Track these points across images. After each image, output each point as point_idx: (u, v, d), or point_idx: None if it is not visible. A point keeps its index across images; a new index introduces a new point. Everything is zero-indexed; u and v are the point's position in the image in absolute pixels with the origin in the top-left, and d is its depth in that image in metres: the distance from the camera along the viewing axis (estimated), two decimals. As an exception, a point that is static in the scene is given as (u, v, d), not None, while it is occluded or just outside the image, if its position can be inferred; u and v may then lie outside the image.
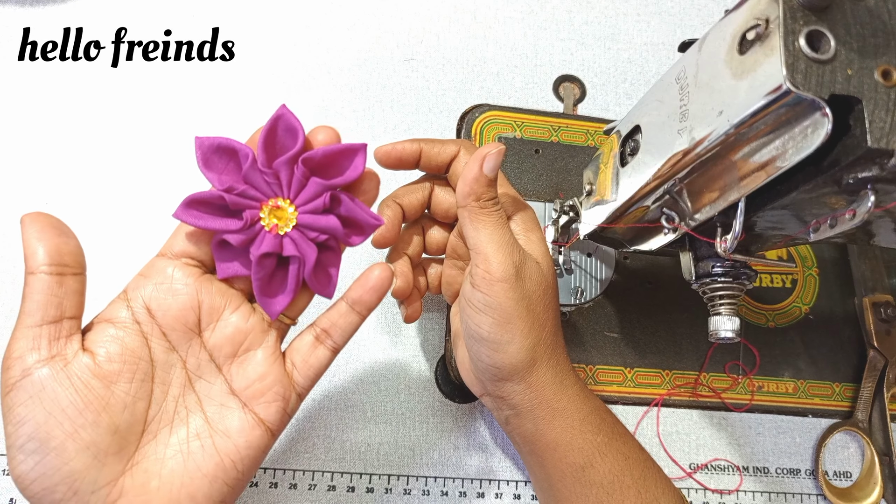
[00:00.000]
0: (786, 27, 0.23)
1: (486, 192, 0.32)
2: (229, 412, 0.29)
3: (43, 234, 0.26)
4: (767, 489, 0.44)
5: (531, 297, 0.33)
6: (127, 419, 0.27)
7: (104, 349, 0.27)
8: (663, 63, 0.52)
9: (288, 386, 0.30)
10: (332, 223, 0.29)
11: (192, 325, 0.29)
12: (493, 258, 0.31)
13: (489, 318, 0.32)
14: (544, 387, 0.33)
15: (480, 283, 0.32)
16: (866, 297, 0.47)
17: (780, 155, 0.25)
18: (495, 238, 0.32)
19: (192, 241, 0.29)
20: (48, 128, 0.45)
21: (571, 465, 0.33)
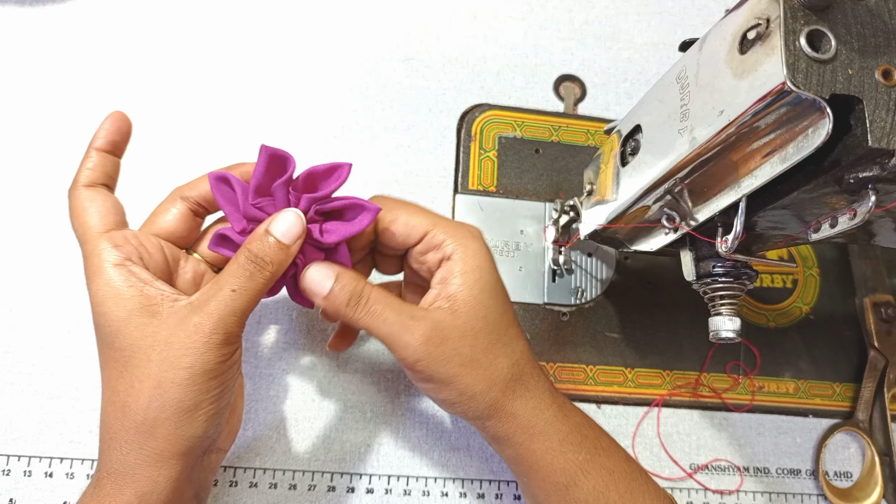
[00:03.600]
0: (786, 27, 0.23)
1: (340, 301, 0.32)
2: None
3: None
4: (768, 489, 0.44)
5: (460, 353, 0.32)
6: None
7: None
8: (664, 63, 0.52)
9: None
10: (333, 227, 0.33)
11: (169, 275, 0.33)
12: (394, 347, 0.32)
13: (428, 385, 0.33)
14: (517, 417, 0.33)
15: (404, 364, 0.33)
16: (867, 297, 0.47)
17: (781, 155, 0.25)
18: (384, 330, 0.32)
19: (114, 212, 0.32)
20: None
21: (555, 484, 0.33)
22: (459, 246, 0.34)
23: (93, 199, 0.32)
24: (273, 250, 0.30)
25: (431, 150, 0.48)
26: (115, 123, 0.33)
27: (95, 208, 0.31)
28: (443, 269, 0.34)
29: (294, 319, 0.43)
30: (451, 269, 0.33)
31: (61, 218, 0.44)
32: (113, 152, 0.33)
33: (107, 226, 0.31)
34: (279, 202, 0.32)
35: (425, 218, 0.34)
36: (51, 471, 0.39)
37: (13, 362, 0.41)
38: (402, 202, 0.35)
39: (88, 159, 0.32)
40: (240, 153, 0.41)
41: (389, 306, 0.32)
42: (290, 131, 0.47)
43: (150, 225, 0.34)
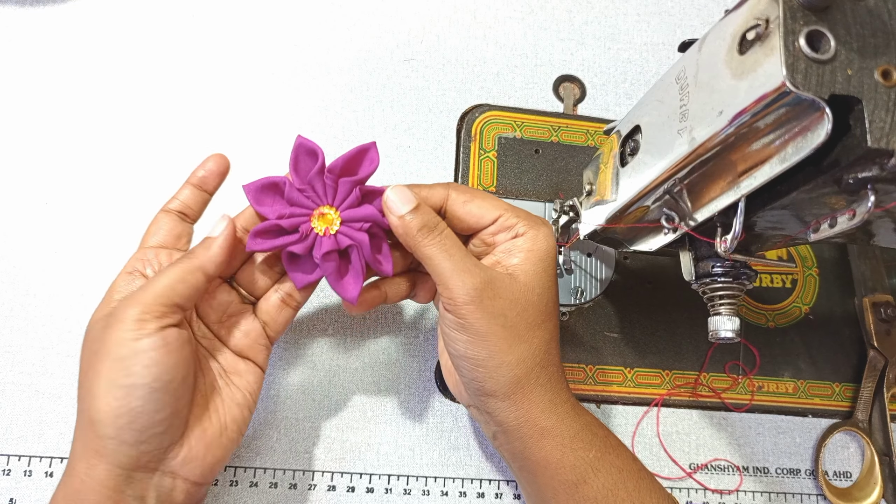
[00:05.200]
0: (786, 27, 0.23)
1: (414, 227, 0.33)
2: (235, 360, 0.36)
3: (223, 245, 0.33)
4: (767, 489, 0.44)
5: (506, 315, 0.33)
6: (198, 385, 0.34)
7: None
8: (663, 63, 0.52)
9: (266, 337, 0.36)
10: (371, 211, 0.34)
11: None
12: (450, 283, 0.32)
13: (463, 336, 0.33)
14: (532, 406, 0.33)
15: (450, 307, 0.33)
16: (866, 297, 0.47)
17: (780, 155, 0.25)
18: (447, 264, 0.32)
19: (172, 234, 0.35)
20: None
21: (564, 482, 0.33)
22: (532, 228, 0.35)
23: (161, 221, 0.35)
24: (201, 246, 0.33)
25: (431, 150, 0.48)
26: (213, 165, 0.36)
27: (157, 227, 0.35)
28: (509, 243, 0.35)
29: (294, 319, 0.43)
30: (517, 245, 0.35)
31: (61, 218, 0.44)
32: (203, 188, 0.36)
33: (158, 243, 0.35)
34: (318, 188, 0.34)
35: (498, 202, 0.36)
36: (51, 470, 0.39)
37: (13, 362, 0.41)
38: (476, 190, 0.37)
39: (180, 191, 0.36)
40: (240, 153, 0.41)
41: (457, 245, 0.33)
42: (291, 131, 0.47)
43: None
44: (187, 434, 0.32)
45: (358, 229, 0.34)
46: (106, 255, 0.43)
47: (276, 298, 0.36)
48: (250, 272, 0.37)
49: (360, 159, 0.35)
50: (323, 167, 0.34)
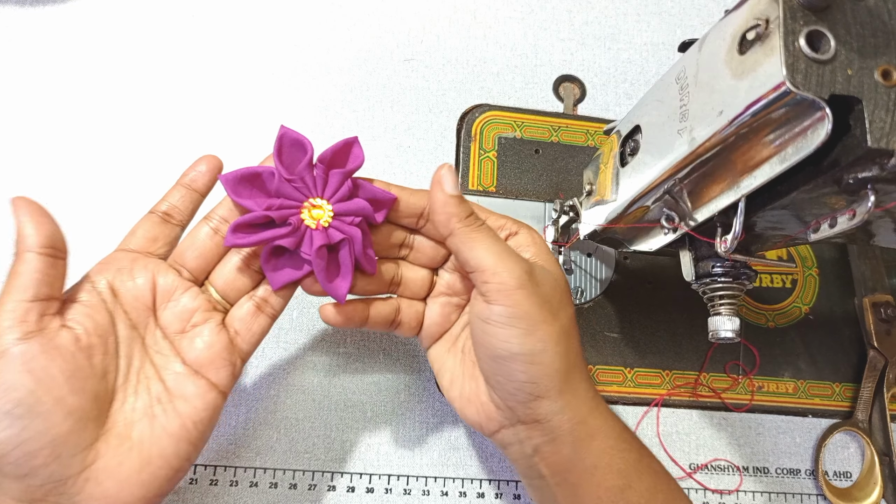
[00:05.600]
0: (786, 27, 0.23)
1: (462, 209, 0.31)
2: (185, 379, 0.31)
3: (37, 219, 0.28)
4: (767, 489, 0.44)
5: (551, 302, 0.31)
6: (103, 388, 0.29)
7: (81, 325, 0.29)
8: (663, 63, 0.52)
9: (233, 352, 0.33)
10: (362, 204, 0.33)
11: (149, 304, 0.32)
12: (500, 268, 0.30)
13: (517, 329, 0.30)
14: (580, 404, 0.32)
15: (497, 296, 0.30)
16: (866, 297, 0.47)
17: (780, 155, 0.25)
18: (495, 249, 0.31)
19: (148, 238, 0.33)
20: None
21: (610, 489, 0.31)
22: (521, 226, 0.35)
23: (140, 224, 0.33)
24: None
25: (431, 150, 0.48)
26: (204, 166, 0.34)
27: (133, 231, 0.33)
28: (510, 242, 0.34)
29: (294, 319, 0.44)
30: (520, 242, 0.34)
31: (61, 219, 0.44)
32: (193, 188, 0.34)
33: (129, 247, 0.33)
34: (308, 180, 0.33)
35: (479, 207, 0.35)
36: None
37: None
38: None
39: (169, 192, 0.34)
40: (240, 153, 0.41)
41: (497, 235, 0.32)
42: (290, 131, 0.47)
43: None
44: (93, 466, 0.28)
45: (349, 223, 0.33)
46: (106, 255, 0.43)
47: (251, 305, 0.33)
48: (223, 274, 0.34)
49: (346, 153, 0.34)
50: (312, 159, 0.33)
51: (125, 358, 0.31)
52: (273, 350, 0.43)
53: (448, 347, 0.37)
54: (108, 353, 0.30)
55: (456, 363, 0.36)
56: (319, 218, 0.33)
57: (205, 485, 0.40)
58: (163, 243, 0.33)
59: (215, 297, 0.34)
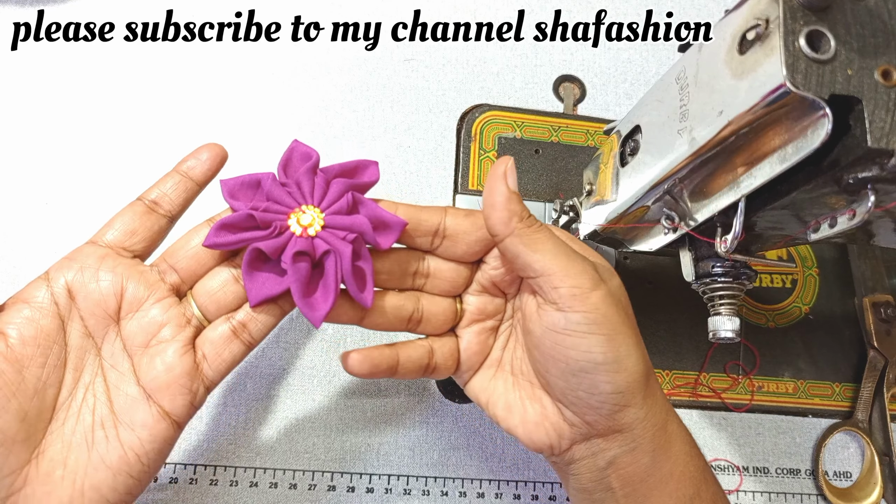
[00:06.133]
0: (786, 27, 0.23)
1: (524, 209, 0.29)
2: (136, 404, 0.28)
3: None
4: (767, 489, 0.44)
5: (621, 300, 0.29)
6: (36, 406, 0.26)
7: (17, 331, 0.26)
8: (663, 63, 0.52)
9: (195, 378, 0.29)
10: (360, 220, 0.29)
11: (112, 311, 0.28)
12: (572, 270, 0.27)
13: (599, 336, 0.27)
14: (660, 408, 0.29)
15: (573, 302, 0.27)
16: (866, 297, 0.47)
17: (780, 155, 0.25)
18: (561, 251, 0.28)
19: (126, 231, 0.29)
20: (40, 119, 0.45)
21: (681, 498, 0.29)
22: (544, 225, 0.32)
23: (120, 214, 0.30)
24: None
25: (431, 150, 0.48)
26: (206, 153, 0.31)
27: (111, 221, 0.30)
28: None
29: (294, 319, 0.43)
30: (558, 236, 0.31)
31: (61, 219, 0.44)
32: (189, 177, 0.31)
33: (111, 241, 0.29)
34: (304, 187, 0.30)
35: None
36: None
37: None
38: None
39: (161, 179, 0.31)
40: (240, 153, 0.41)
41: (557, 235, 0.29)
42: (291, 131, 0.47)
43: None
44: (21, 493, 0.25)
45: (342, 238, 0.29)
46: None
47: (226, 328, 0.30)
48: (208, 287, 0.30)
49: (360, 171, 0.32)
50: (316, 166, 0.31)
51: (73, 371, 0.28)
52: (273, 350, 0.43)
53: (492, 374, 0.33)
54: (49, 365, 0.27)
55: (508, 388, 0.32)
56: (307, 225, 0.29)
57: (205, 485, 0.40)
58: (141, 238, 0.30)
59: (195, 311, 0.30)
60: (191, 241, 0.30)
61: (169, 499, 0.39)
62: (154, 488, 0.39)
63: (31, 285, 0.28)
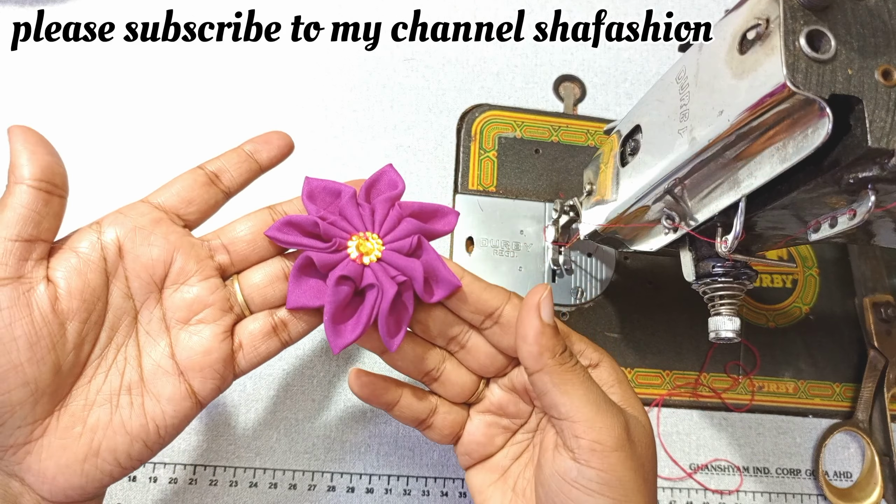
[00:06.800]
0: (786, 27, 0.23)
1: (558, 343, 0.27)
2: (165, 376, 0.28)
3: (35, 148, 0.25)
4: (768, 489, 0.44)
5: (645, 465, 0.27)
6: (71, 360, 0.26)
7: (66, 282, 0.26)
8: (663, 63, 0.52)
9: (229, 366, 0.29)
10: (415, 265, 0.29)
11: (158, 279, 0.28)
12: (598, 423, 0.26)
13: (608, 498, 0.26)
14: None
15: (590, 457, 0.26)
16: (866, 297, 0.47)
17: (781, 155, 0.25)
18: (592, 398, 0.26)
19: (183, 198, 0.29)
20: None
21: None
22: (603, 355, 0.30)
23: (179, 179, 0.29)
24: None
25: (431, 150, 0.48)
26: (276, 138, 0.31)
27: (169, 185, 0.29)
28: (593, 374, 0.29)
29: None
30: (602, 378, 0.29)
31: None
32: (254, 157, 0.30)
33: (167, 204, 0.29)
34: (378, 214, 0.30)
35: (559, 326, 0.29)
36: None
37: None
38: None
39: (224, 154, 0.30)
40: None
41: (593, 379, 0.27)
42: (291, 131, 0.47)
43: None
44: (38, 442, 0.25)
45: (391, 277, 0.29)
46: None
47: (268, 323, 0.30)
48: (256, 277, 0.30)
49: (438, 217, 0.31)
50: (398, 197, 0.30)
51: (109, 329, 0.27)
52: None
53: (494, 480, 0.31)
54: (90, 321, 0.26)
55: (504, 502, 0.31)
56: (364, 253, 0.29)
57: (204, 485, 0.40)
58: (197, 208, 0.29)
59: (239, 298, 0.29)
60: (248, 225, 0.30)
61: (169, 499, 0.39)
62: (154, 488, 0.39)
63: (80, 233, 0.27)
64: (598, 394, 0.27)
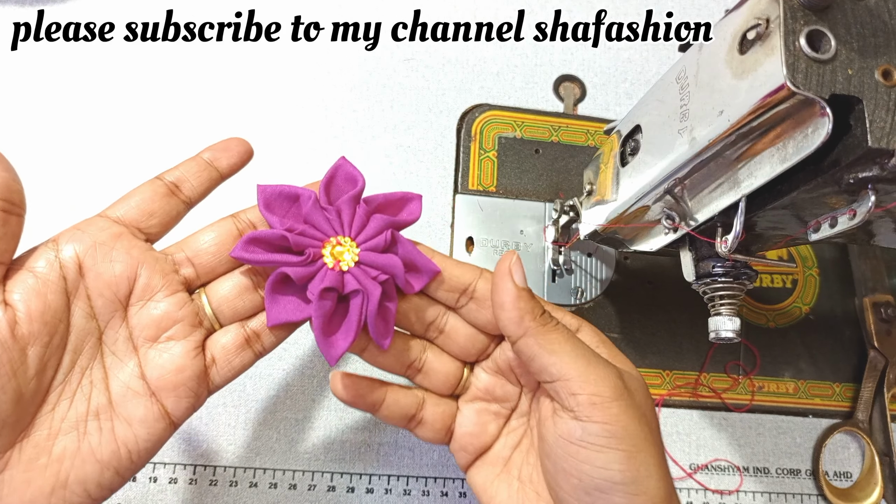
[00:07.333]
0: (786, 27, 0.23)
1: (536, 306, 0.27)
2: (135, 398, 0.26)
3: None
4: (768, 489, 0.44)
5: (646, 413, 0.26)
6: (33, 387, 0.24)
7: (25, 305, 0.24)
8: (664, 63, 0.52)
9: (203, 383, 0.28)
10: (394, 261, 0.28)
11: (122, 296, 0.27)
12: (593, 376, 0.25)
13: (618, 451, 0.25)
14: None
15: (591, 412, 0.25)
16: (866, 297, 0.47)
17: (781, 155, 0.25)
18: (581, 353, 0.26)
19: (143, 210, 0.27)
20: (32, 118, 0.45)
21: None
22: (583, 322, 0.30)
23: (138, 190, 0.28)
24: None
25: (431, 150, 0.48)
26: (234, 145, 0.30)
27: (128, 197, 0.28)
28: None
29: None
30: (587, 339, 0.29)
31: (61, 219, 0.44)
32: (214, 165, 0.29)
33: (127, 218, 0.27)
34: (345, 216, 0.29)
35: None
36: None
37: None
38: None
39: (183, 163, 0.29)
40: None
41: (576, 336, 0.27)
42: (291, 131, 0.47)
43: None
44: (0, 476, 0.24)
45: (373, 278, 0.28)
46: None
47: (240, 335, 0.28)
48: (224, 289, 0.28)
49: (401, 206, 0.31)
50: (360, 194, 0.29)
51: (72, 352, 0.26)
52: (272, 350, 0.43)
53: (497, 473, 0.30)
54: (52, 345, 0.25)
55: (512, 495, 0.29)
56: (340, 258, 0.29)
57: (204, 485, 0.40)
58: (158, 220, 0.28)
59: (208, 312, 0.28)
60: (212, 235, 0.29)
61: (169, 499, 0.39)
62: (154, 488, 0.39)
63: (36, 251, 0.26)
64: (586, 349, 0.26)
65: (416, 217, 0.30)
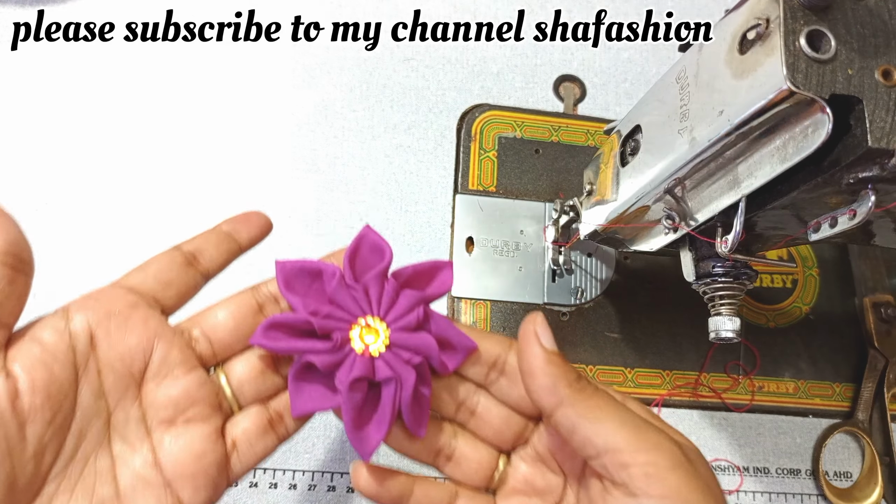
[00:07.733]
0: (786, 27, 0.23)
1: (570, 370, 0.24)
2: (147, 489, 0.23)
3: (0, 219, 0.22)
4: (768, 489, 0.44)
5: (712, 486, 0.23)
6: (30, 472, 0.21)
7: (28, 375, 0.21)
8: (664, 63, 0.52)
9: (223, 471, 0.25)
10: (428, 341, 0.26)
11: (136, 371, 0.24)
12: (644, 443, 0.22)
13: None
14: None
15: (647, 484, 0.22)
16: (866, 297, 0.47)
17: (781, 155, 0.25)
18: (627, 418, 0.23)
19: (160, 280, 0.25)
20: (39, 121, 0.45)
21: None
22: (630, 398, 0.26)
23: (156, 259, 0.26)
24: None
25: (431, 150, 0.48)
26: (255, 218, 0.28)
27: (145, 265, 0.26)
28: None
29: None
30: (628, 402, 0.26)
31: (61, 219, 0.44)
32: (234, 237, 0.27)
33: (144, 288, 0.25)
34: (372, 293, 0.27)
35: None
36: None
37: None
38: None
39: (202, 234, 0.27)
40: (239, 154, 0.41)
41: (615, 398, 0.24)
42: (291, 132, 0.47)
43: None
44: None
45: (405, 361, 0.26)
46: (106, 255, 0.43)
47: (263, 418, 0.26)
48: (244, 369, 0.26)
49: (431, 276, 0.28)
50: (387, 268, 0.27)
51: (75, 437, 0.22)
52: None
53: None
54: (55, 424, 0.22)
55: None
56: (371, 343, 0.26)
57: (205, 485, 0.40)
58: (176, 291, 0.25)
59: (227, 393, 0.26)
60: (230, 310, 0.26)
61: (169, 499, 0.39)
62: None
63: (46, 320, 0.23)
64: (634, 414, 0.23)
65: (448, 288, 0.28)
